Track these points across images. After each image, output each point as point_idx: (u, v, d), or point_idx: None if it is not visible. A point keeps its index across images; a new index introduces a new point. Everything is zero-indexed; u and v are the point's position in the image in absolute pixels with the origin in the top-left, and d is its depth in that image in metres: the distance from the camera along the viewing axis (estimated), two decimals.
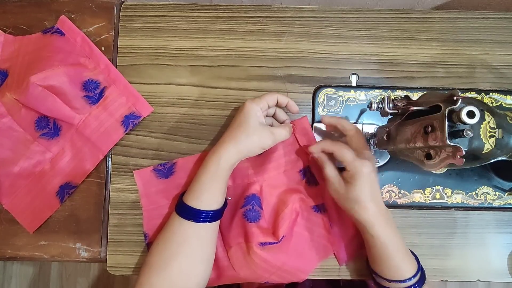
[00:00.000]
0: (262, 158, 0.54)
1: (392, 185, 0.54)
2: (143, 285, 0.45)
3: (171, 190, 0.54)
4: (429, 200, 0.54)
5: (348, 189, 0.46)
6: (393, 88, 0.55)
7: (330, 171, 0.48)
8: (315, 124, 0.55)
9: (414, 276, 0.44)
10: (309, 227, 0.53)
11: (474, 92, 0.55)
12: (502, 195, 0.54)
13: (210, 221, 0.46)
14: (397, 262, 0.45)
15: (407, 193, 0.54)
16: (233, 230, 0.52)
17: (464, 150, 0.35)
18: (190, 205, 0.46)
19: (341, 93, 0.55)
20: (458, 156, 0.35)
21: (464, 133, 0.36)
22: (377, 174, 0.46)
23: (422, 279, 0.46)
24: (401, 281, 0.44)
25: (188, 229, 0.46)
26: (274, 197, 0.54)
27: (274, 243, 0.49)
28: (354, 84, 0.56)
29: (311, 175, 0.54)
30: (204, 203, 0.46)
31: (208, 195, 0.46)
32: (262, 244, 0.49)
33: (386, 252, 0.45)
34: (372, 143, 0.52)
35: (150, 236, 0.53)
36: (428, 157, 0.40)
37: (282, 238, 0.50)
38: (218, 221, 0.48)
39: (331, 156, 0.49)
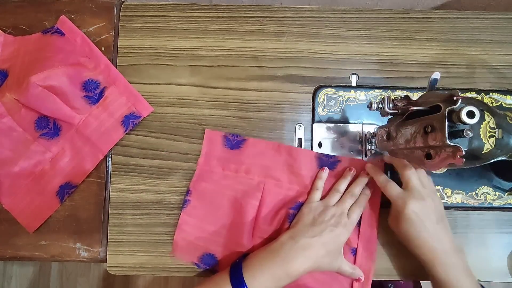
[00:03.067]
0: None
1: None
2: None
3: (229, 163, 0.54)
4: None
5: (396, 226, 0.47)
6: (393, 88, 0.55)
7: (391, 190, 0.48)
8: (315, 124, 0.55)
9: None
10: None
11: (474, 92, 0.55)
12: (502, 195, 0.53)
13: None
14: None
15: None
16: (273, 225, 0.51)
17: (464, 150, 0.35)
18: None
19: (341, 93, 0.55)
20: (458, 156, 0.35)
21: (464, 133, 0.36)
22: (434, 210, 0.46)
23: None
24: None
25: None
26: None
27: None
28: (354, 84, 0.56)
29: None
30: None
31: None
32: None
33: None
34: (372, 143, 0.52)
35: (192, 193, 0.53)
36: (428, 157, 0.40)
37: None
38: None
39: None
